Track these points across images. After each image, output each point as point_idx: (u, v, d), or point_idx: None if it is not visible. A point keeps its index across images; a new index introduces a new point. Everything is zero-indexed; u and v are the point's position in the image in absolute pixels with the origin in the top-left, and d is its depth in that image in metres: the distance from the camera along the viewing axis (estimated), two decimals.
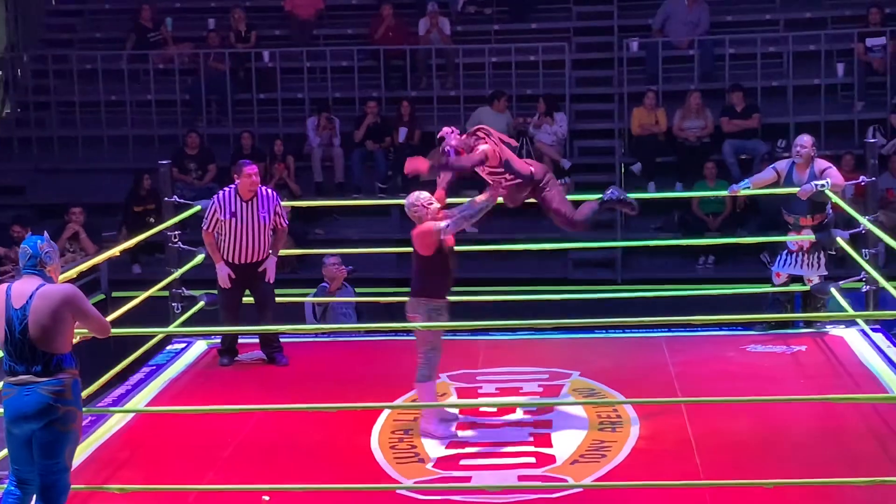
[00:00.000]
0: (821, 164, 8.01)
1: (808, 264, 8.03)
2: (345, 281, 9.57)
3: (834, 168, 8.06)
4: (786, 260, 8.10)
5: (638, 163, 13.17)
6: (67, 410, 5.03)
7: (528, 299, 8.98)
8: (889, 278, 7.88)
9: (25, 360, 5.01)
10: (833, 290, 8.09)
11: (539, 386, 7.13)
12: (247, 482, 5.81)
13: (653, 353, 7.74)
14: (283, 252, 8.11)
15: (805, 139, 8.04)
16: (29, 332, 4.99)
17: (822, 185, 7.81)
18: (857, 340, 7.78)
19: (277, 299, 7.96)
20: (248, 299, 7.89)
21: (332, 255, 9.63)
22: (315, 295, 9.51)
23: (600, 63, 14.23)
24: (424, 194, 6.61)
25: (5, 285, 5.17)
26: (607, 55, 14.11)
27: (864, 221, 7.73)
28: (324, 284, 9.57)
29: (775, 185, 8.11)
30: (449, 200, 6.98)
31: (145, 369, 7.68)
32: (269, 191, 7.86)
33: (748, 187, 8.23)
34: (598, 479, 5.80)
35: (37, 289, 5.04)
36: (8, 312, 5.03)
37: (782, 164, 8.12)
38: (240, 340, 7.97)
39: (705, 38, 13.87)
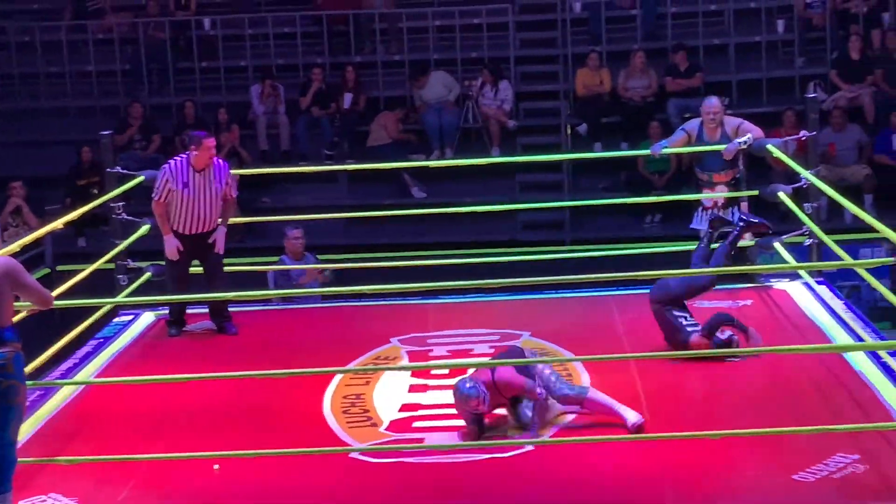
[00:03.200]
0: (732, 121, 8.12)
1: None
2: (307, 251, 9.54)
3: (747, 122, 8.16)
4: (702, 216, 8.19)
5: (584, 124, 13.21)
6: (10, 384, 4.99)
7: (477, 262, 8.99)
8: (830, 233, 8.00)
9: None
10: (777, 245, 8.18)
11: (490, 347, 7.16)
12: (198, 451, 5.80)
13: (602, 312, 7.79)
14: (231, 220, 8.05)
15: (713, 102, 8.11)
16: None
17: (744, 142, 7.91)
18: (801, 293, 7.88)
19: (227, 268, 7.92)
20: (196, 269, 7.84)
21: (295, 227, 9.56)
22: (277, 265, 9.49)
23: (544, 24, 14.22)
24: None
25: None
26: (551, 16, 14.11)
27: (807, 175, 7.80)
28: (284, 257, 9.53)
29: (688, 145, 8.21)
30: None
31: (93, 342, 7.62)
32: (222, 161, 7.81)
33: (666, 147, 8.32)
34: (549, 438, 5.85)
35: None
36: None
37: (692, 125, 8.21)
38: (189, 311, 7.93)
39: None
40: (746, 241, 8.15)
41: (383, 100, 13.72)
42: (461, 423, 6.06)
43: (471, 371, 6.07)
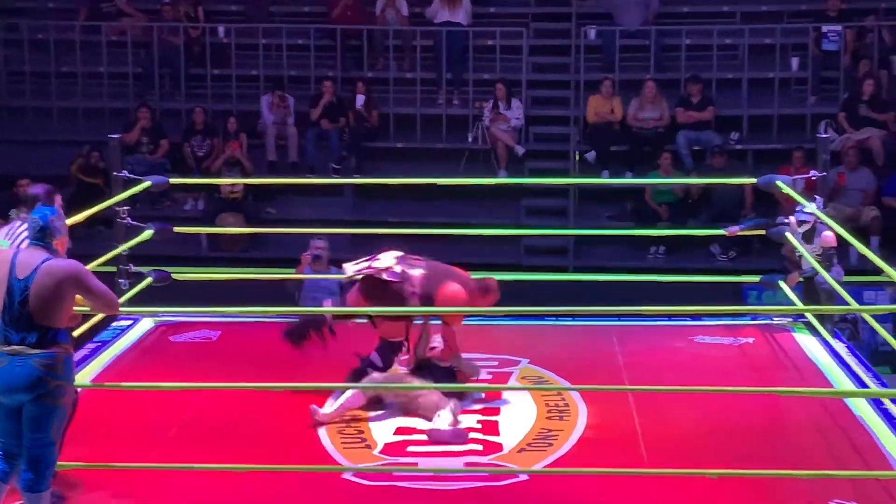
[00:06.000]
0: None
1: None
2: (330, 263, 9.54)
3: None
4: None
5: (592, 151, 13.19)
6: (58, 385, 5.03)
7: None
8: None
9: (21, 329, 5.01)
10: (781, 284, 8.14)
11: (488, 373, 7.12)
12: (191, 461, 5.75)
13: (602, 342, 7.75)
14: (234, 230, 8.03)
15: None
16: (29, 304, 4.99)
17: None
18: (803, 333, 7.83)
19: (235, 277, 7.87)
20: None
21: (319, 237, 9.55)
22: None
23: (558, 49, 14.22)
24: None
25: (10, 251, 5.15)
26: (565, 42, 14.11)
27: (816, 211, 7.72)
28: (306, 268, 9.52)
29: None
30: None
31: (90, 345, 7.58)
32: None
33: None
34: (544, 468, 5.80)
35: (42, 262, 5.02)
36: (10, 281, 5.02)
37: None
38: (190, 319, 7.91)
39: (656, 28, 13.90)
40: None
41: (393, 116, 13.72)
42: (456, 448, 6.03)
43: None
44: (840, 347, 7.48)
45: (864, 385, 6.80)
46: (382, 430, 6.26)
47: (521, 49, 13.91)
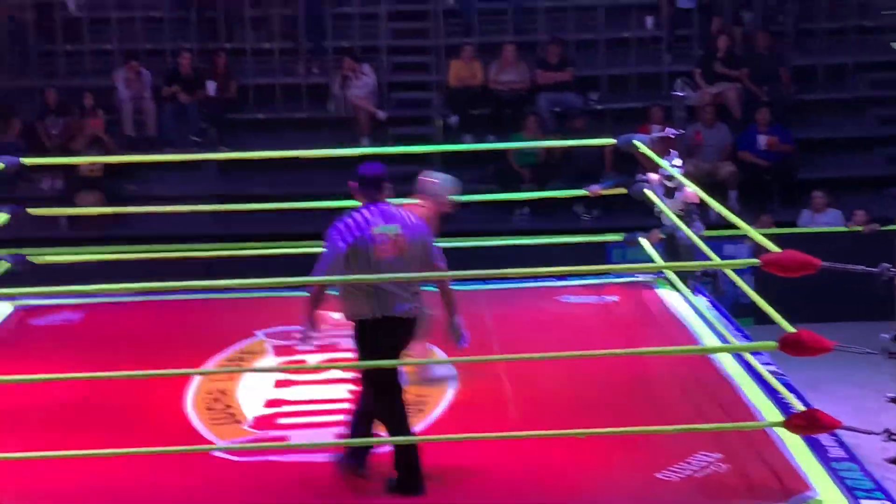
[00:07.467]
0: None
1: None
2: None
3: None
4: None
5: (455, 115, 13.22)
6: None
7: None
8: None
9: None
10: (642, 241, 8.28)
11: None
12: (56, 448, 5.61)
13: (471, 307, 7.74)
14: (97, 210, 7.79)
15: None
16: None
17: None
18: (666, 290, 8.00)
19: (96, 257, 7.66)
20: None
21: None
22: None
23: (416, 15, 14.19)
24: None
25: None
26: (423, 7, 14.08)
27: (672, 171, 7.86)
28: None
29: None
30: None
31: None
32: None
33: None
34: (415, 434, 5.81)
35: None
36: None
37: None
38: (52, 302, 7.71)
39: None
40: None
41: (252, 87, 13.53)
42: (326, 419, 6.00)
43: None
44: (702, 302, 7.65)
45: (724, 339, 6.96)
46: (252, 404, 6.20)
47: (377, 15, 13.84)
